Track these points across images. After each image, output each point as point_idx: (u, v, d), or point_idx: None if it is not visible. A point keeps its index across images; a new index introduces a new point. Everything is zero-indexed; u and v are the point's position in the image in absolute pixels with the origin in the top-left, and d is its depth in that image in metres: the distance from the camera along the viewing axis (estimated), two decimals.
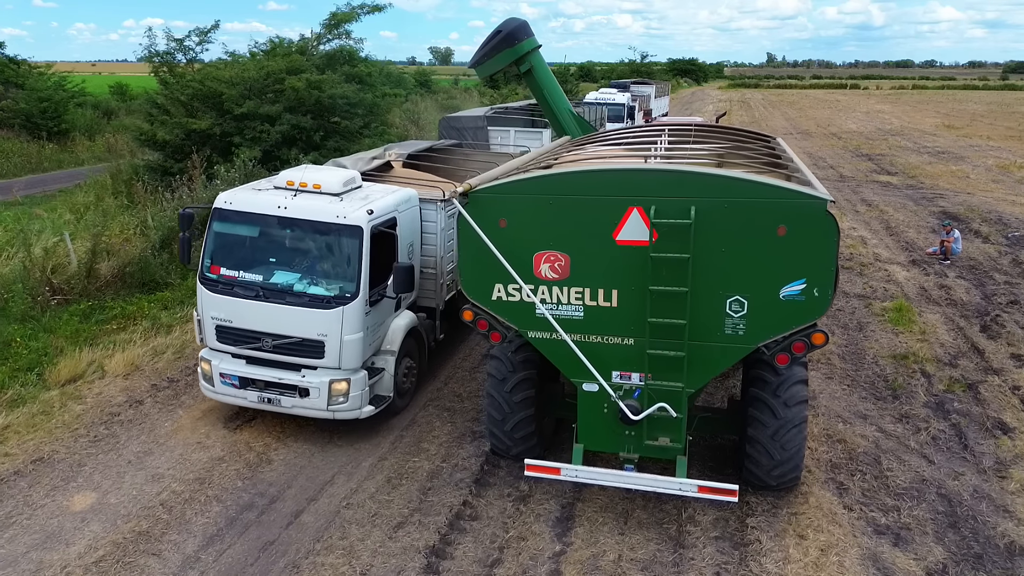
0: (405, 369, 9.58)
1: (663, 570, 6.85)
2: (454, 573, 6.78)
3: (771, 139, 11.26)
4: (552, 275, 7.08)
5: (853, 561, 6.98)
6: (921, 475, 8.46)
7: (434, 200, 10.09)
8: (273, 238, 8.90)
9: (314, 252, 8.82)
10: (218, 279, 8.81)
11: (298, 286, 8.60)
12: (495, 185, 7.19)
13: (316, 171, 9.40)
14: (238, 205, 8.84)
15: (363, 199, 8.95)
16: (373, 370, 8.96)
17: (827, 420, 9.72)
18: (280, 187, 9.03)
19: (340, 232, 8.53)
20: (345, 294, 8.47)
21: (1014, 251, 18.12)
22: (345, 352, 8.47)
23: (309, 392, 8.54)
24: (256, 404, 8.80)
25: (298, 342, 8.50)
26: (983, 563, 7.00)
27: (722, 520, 7.58)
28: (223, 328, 8.76)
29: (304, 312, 8.44)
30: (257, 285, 8.65)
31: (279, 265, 8.80)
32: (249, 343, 8.65)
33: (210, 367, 8.89)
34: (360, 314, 8.47)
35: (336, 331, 8.41)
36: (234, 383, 8.80)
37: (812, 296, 6.59)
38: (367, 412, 8.76)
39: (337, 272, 8.65)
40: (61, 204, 19.79)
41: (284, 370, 8.67)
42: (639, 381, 7.14)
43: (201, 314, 8.93)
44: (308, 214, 8.64)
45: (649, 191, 6.72)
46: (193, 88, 18.83)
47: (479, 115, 18.16)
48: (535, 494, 8.00)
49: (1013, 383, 10.85)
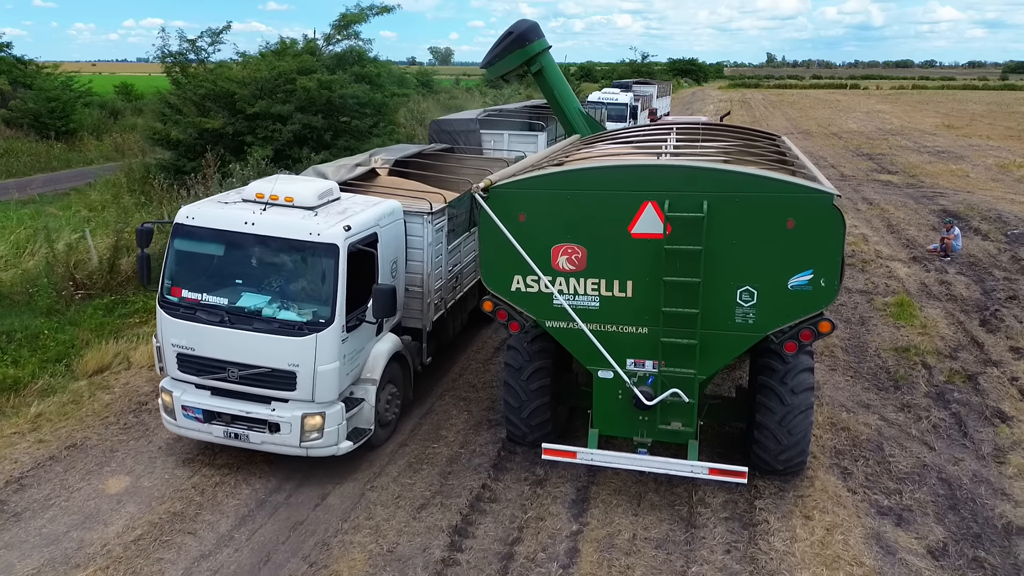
0: (388, 397, 8.81)
1: (676, 548, 7.18)
2: (476, 551, 7.10)
3: (776, 137, 11.59)
4: (569, 267, 7.40)
5: (857, 539, 7.30)
6: (922, 461, 8.78)
7: (420, 212, 9.35)
8: (240, 257, 8.09)
9: (285, 273, 8.03)
10: (179, 302, 8.00)
11: (267, 310, 7.79)
12: (515, 181, 7.51)
13: (289, 182, 8.57)
14: (201, 220, 8.02)
15: (340, 213, 8.16)
16: (351, 401, 8.19)
17: (831, 409, 10.04)
18: (249, 200, 8.23)
19: (313, 251, 7.76)
20: (319, 319, 7.67)
21: (1013, 248, 18.44)
22: (319, 384, 7.70)
23: (280, 427, 7.78)
24: (222, 440, 8.03)
25: (267, 372, 7.71)
26: (981, 542, 7.32)
27: (731, 502, 7.90)
28: (184, 356, 7.97)
29: (273, 340, 7.64)
30: (222, 309, 7.84)
31: (246, 287, 8.00)
32: (213, 373, 7.88)
33: (171, 399, 8.09)
34: (335, 341, 7.69)
35: (309, 361, 7.62)
36: (198, 416, 8.01)
37: (819, 286, 6.91)
38: (344, 448, 8.00)
39: (310, 295, 7.87)
40: (76, 202, 20.08)
41: (252, 402, 7.88)
42: (653, 368, 7.46)
43: (161, 340, 8.12)
44: (278, 231, 7.82)
45: (663, 186, 7.04)
46: (206, 88, 19.15)
47: (471, 118, 17.32)
48: (551, 478, 8.32)
49: (1012, 374, 11.17)
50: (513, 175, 7.83)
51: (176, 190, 16.64)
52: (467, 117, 17.55)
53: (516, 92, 47.55)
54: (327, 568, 6.82)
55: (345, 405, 8.01)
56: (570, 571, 6.83)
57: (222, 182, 16.07)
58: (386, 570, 6.81)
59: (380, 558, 6.97)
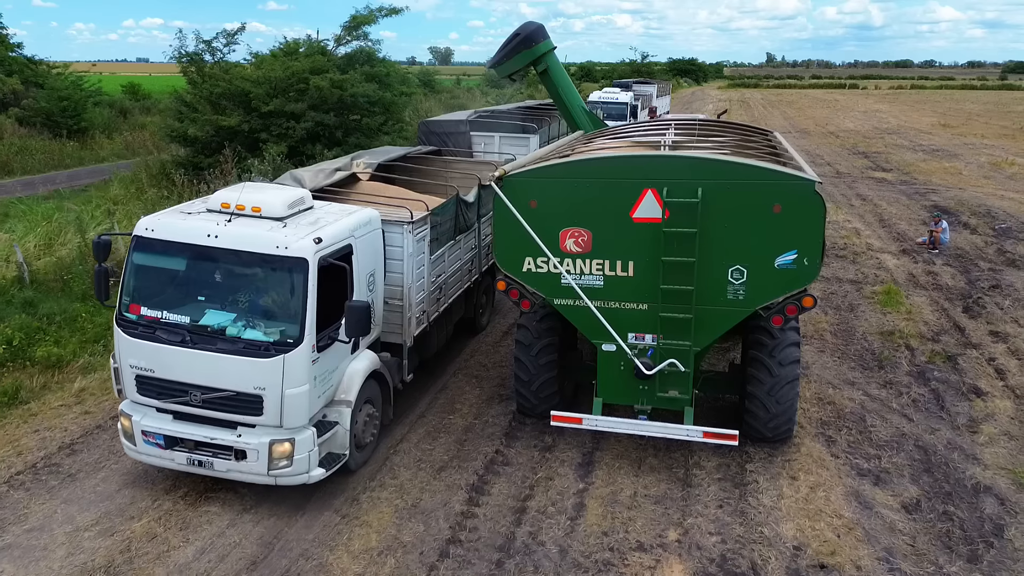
0: (365, 418, 8.31)
1: (673, 503, 7.90)
2: (492, 506, 7.83)
3: (769, 132, 12.31)
4: (576, 249, 8.11)
5: (838, 496, 8.03)
6: (901, 430, 9.51)
7: (400, 222, 8.84)
8: (203, 272, 7.58)
9: (251, 288, 7.51)
10: (138, 320, 7.48)
11: (231, 329, 7.28)
12: (527, 170, 8.23)
13: (257, 191, 8.03)
14: (161, 233, 7.50)
15: (311, 224, 7.66)
16: (324, 424, 7.70)
17: (819, 386, 10.76)
18: (213, 210, 7.73)
19: (281, 265, 7.25)
20: (287, 339, 7.14)
21: (1000, 241, 19.16)
22: (288, 408, 7.20)
23: (246, 454, 7.29)
24: (184, 467, 7.54)
25: (232, 396, 7.22)
26: (952, 499, 8.04)
27: (724, 465, 8.62)
28: (144, 379, 7.47)
29: (238, 361, 7.12)
30: (183, 328, 7.33)
31: (210, 304, 7.47)
32: (174, 397, 7.39)
33: (131, 424, 7.58)
34: (305, 363, 7.18)
35: (276, 383, 7.12)
36: (159, 443, 7.52)
37: (803, 265, 7.63)
38: (316, 476, 7.50)
39: (278, 313, 7.36)
40: (96, 197, 20.78)
41: (217, 428, 7.39)
42: (652, 341, 8.18)
43: (118, 361, 7.62)
44: (243, 244, 7.29)
45: (662, 175, 7.76)
46: (222, 87, 19.87)
47: (461, 119, 16.67)
48: (559, 444, 9.05)
49: (990, 355, 11.89)
50: (525, 165, 8.55)
51: (196, 185, 17.36)
52: (456, 118, 16.95)
53: (518, 92, 48.23)
54: (357, 519, 7.54)
55: (317, 429, 7.52)
56: (578, 522, 7.56)
57: (240, 176, 16.77)
58: (411, 521, 7.53)
59: (405, 511, 7.69)
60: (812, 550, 7.17)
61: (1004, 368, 11.40)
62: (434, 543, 7.20)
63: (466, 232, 11.17)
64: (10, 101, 36.23)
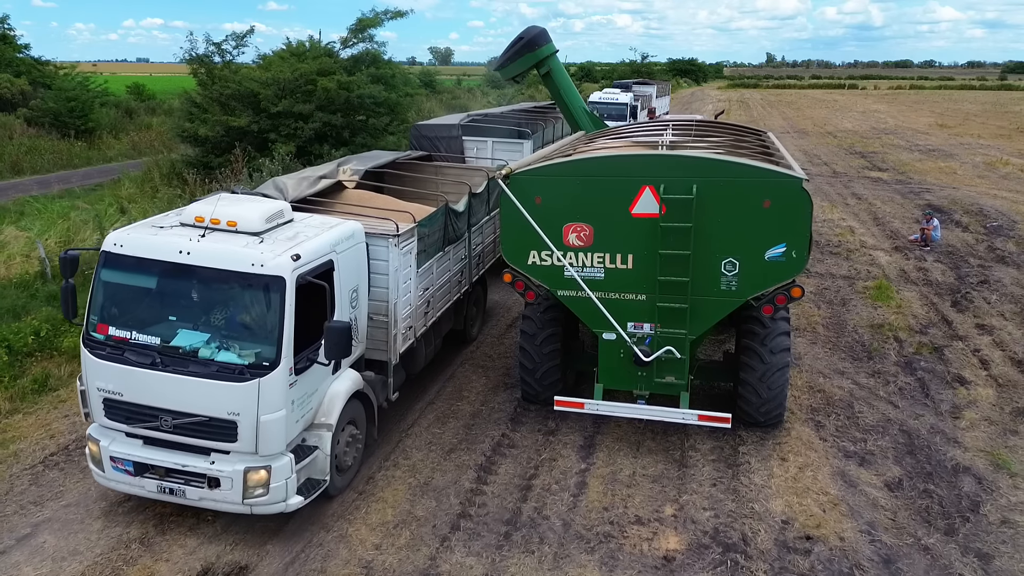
0: (348, 439, 7.98)
1: (669, 482, 8.40)
2: (499, 484, 8.32)
3: (763, 133, 12.81)
4: (578, 243, 8.60)
5: (825, 476, 8.52)
6: (887, 416, 10.00)
7: (385, 235, 8.49)
8: (175, 290, 7.18)
9: (225, 308, 7.11)
10: (105, 340, 7.08)
11: (204, 351, 6.89)
12: (532, 168, 8.73)
13: (233, 203, 7.63)
14: (131, 248, 7.09)
15: (290, 239, 7.28)
16: (303, 449, 7.35)
17: (810, 375, 11.25)
18: (187, 224, 7.34)
19: (257, 283, 6.86)
20: (263, 362, 6.78)
21: (990, 239, 19.65)
22: (263, 435, 6.83)
23: (220, 482, 6.95)
24: (155, 495, 7.19)
25: (204, 422, 6.85)
26: (932, 478, 8.54)
27: (718, 448, 9.12)
28: (112, 402, 7.08)
29: (211, 385, 6.76)
30: (153, 349, 6.93)
31: (182, 324, 7.08)
32: (144, 421, 7.01)
33: (99, 449, 7.22)
34: (282, 387, 6.83)
35: (251, 409, 6.75)
36: (128, 469, 7.16)
37: (791, 257, 8.12)
38: (294, 504, 7.14)
39: (253, 334, 6.97)
40: (108, 195, 21.30)
41: (189, 454, 7.03)
42: (650, 330, 8.67)
43: (86, 384, 7.25)
44: (217, 261, 6.90)
45: (659, 173, 8.25)
46: (232, 88, 20.37)
47: (453, 123, 16.19)
48: (561, 428, 9.55)
49: (975, 347, 12.38)
50: (530, 164, 9.05)
51: (208, 183, 17.85)
52: (448, 122, 16.51)
53: (519, 92, 48.72)
54: (374, 495, 8.04)
55: (296, 455, 7.16)
56: (580, 499, 8.05)
57: (251, 176, 17.27)
58: (424, 498, 8.03)
59: (418, 489, 8.19)
60: (799, 523, 7.66)
61: (988, 358, 11.89)
62: (446, 517, 7.70)
63: (456, 242, 10.78)
64: (18, 102, 36.77)
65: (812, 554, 7.20)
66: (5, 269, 13.59)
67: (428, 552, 7.15)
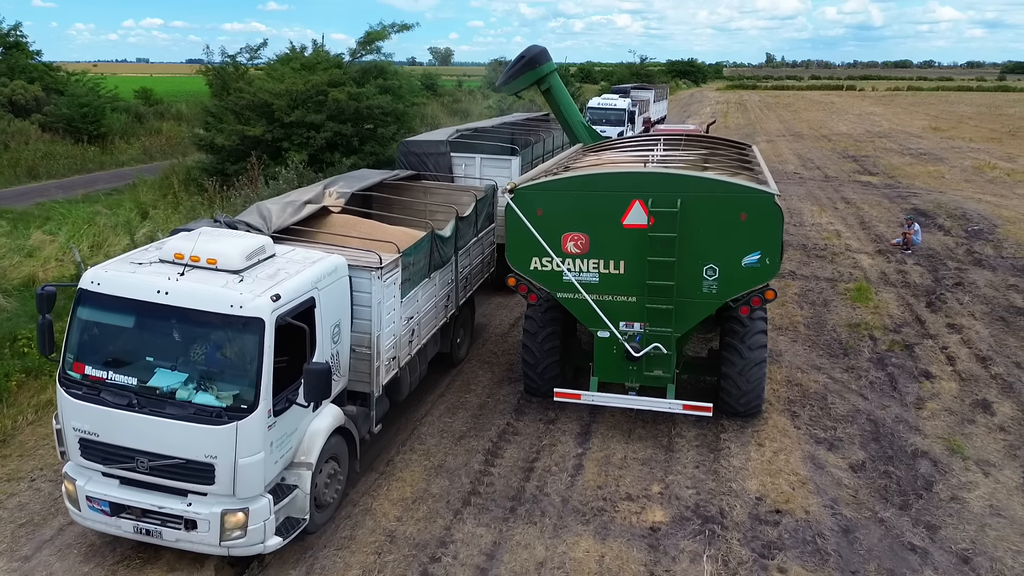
0: (327, 477, 7.85)
1: (657, 464, 9.39)
2: (505, 466, 9.32)
3: (747, 147, 13.79)
4: (576, 250, 9.58)
5: (796, 459, 9.52)
6: (856, 407, 10.99)
7: (368, 267, 8.40)
8: (152, 330, 7.09)
9: (203, 349, 7.02)
10: (81, 380, 7.00)
11: (182, 392, 6.82)
12: (534, 184, 9.72)
13: (214, 239, 7.47)
14: (108, 287, 7.01)
15: (270, 277, 7.20)
16: (283, 488, 7.26)
17: (789, 370, 12.24)
18: (166, 261, 7.25)
19: (236, 325, 6.77)
20: (241, 404, 6.72)
21: (970, 242, 20.63)
22: (241, 478, 6.76)
23: (196, 524, 6.85)
24: (132, 535, 7.10)
25: (181, 464, 6.77)
26: (892, 461, 9.53)
27: (702, 435, 10.11)
28: (88, 443, 6.99)
29: (188, 427, 6.68)
30: (130, 390, 6.86)
31: (160, 364, 6.98)
32: (120, 463, 6.93)
33: (75, 488, 7.12)
34: (260, 429, 6.76)
35: (229, 452, 6.68)
36: (104, 509, 7.07)
37: (765, 264, 9.10)
38: (272, 545, 7.07)
39: (232, 375, 6.90)
40: (127, 200, 22.28)
41: (166, 495, 6.93)
42: (640, 328, 9.66)
43: (62, 423, 7.16)
44: (195, 301, 6.82)
45: (648, 188, 9.23)
46: (246, 98, 21.37)
47: (441, 139, 15.89)
48: (560, 418, 10.54)
49: (943, 345, 13.37)
50: (532, 179, 10.04)
51: (226, 191, 18.85)
52: (437, 138, 16.23)
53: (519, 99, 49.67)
54: (393, 475, 9.04)
55: (275, 494, 7.10)
56: (577, 479, 9.05)
57: (268, 183, 18.26)
58: (438, 478, 9.02)
59: (432, 470, 9.19)
60: (770, 500, 8.65)
61: (955, 356, 12.88)
62: (458, 494, 8.69)
63: (442, 267, 10.74)
64: (32, 107, 37.72)
65: (780, 525, 8.19)
66: (42, 272, 14.57)
67: (443, 523, 8.15)
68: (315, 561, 7.51)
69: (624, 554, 7.68)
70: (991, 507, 8.57)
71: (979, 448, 9.86)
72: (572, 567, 7.47)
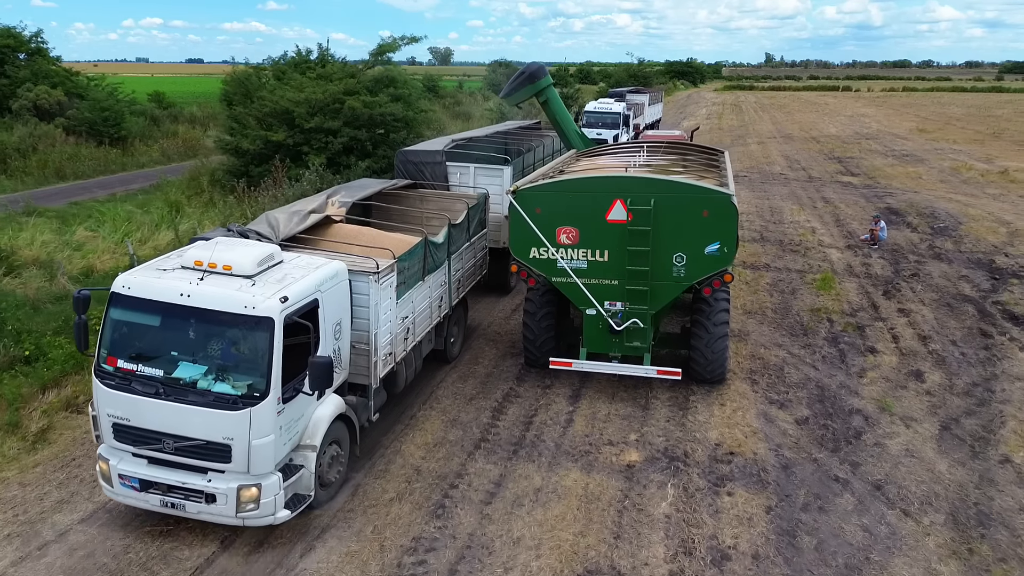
0: (330, 458, 8.88)
1: (635, 419, 11.30)
2: (509, 420, 11.23)
3: (719, 153, 15.71)
4: (568, 241, 11.47)
5: (751, 415, 11.42)
6: (808, 376, 12.89)
7: (366, 272, 9.28)
8: (176, 328, 8.04)
9: (221, 344, 7.98)
10: (114, 372, 7.98)
11: (202, 383, 7.78)
12: (533, 186, 11.62)
13: (229, 248, 8.48)
14: (137, 291, 7.98)
15: (279, 281, 8.12)
16: (290, 468, 8.20)
17: (754, 347, 14.14)
18: (188, 267, 8.22)
19: (249, 323, 7.71)
20: (254, 393, 7.66)
21: (933, 238, 22.52)
22: (254, 457, 7.74)
23: (216, 498, 7.82)
24: (159, 508, 8.11)
25: (202, 445, 7.75)
26: (831, 417, 11.43)
27: (674, 397, 12.01)
28: (120, 427, 7.99)
29: (208, 413, 7.64)
30: (157, 380, 7.83)
31: (183, 357, 7.95)
32: (148, 444, 7.93)
33: (108, 467, 8.11)
34: (271, 414, 7.71)
35: (244, 434, 7.64)
36: (134, 485, 8.04)
37: (724, 252, 10.99)
38: (282, 517, 8.07)
39: (246, 367, 7.84)
40: (159, 200, 24.18)
41: (189, 472, 7.92)
42: (621, 307, 11.55)
43: (97, 410, 8.13)
44: (213, 303, 7.78)
45: (627, 190, 11.12)
46: (269, 106, 23.29)
47: (437, 149, 16.63)
48: (555, 384, 12.45)
49: (892, 326, 15.27)
50: (532, 182, 11.95)
51: (254, 191, 20.76)
52: (433, 148, 16.91)
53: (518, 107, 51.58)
54: (416, 427, 10.95)
55: (283, 473, 8.03)
56: (568, 430, 10.95)
57: (292, 184, 20.16)
58: (453, 428, 10.93)
59: (448, 423, 11.10)
60: (726, 445, 10.56)
61: (900, 335, 14.78)
62: (470, 441, 10.60)
63: (435, 271, 11.62)
64: (56, 111, 39.59)
65: (732, 463, 10.10)
66: (99, 263, 16.48)
67: (459, 461, 10.06)
68: (359, 487, 9.43)
69: (605, 483, 9.59)
70: (907, 450, 10.48)
71: (906, 407, 11.76)
72: (562, 492, 9.38)
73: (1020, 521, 8.91)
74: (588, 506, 9.08)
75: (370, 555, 8.16)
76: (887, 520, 8.90)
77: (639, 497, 9.32)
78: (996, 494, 9.45)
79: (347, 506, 9.04)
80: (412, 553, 8.21)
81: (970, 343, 14.33)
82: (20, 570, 7.88)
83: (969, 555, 8.32)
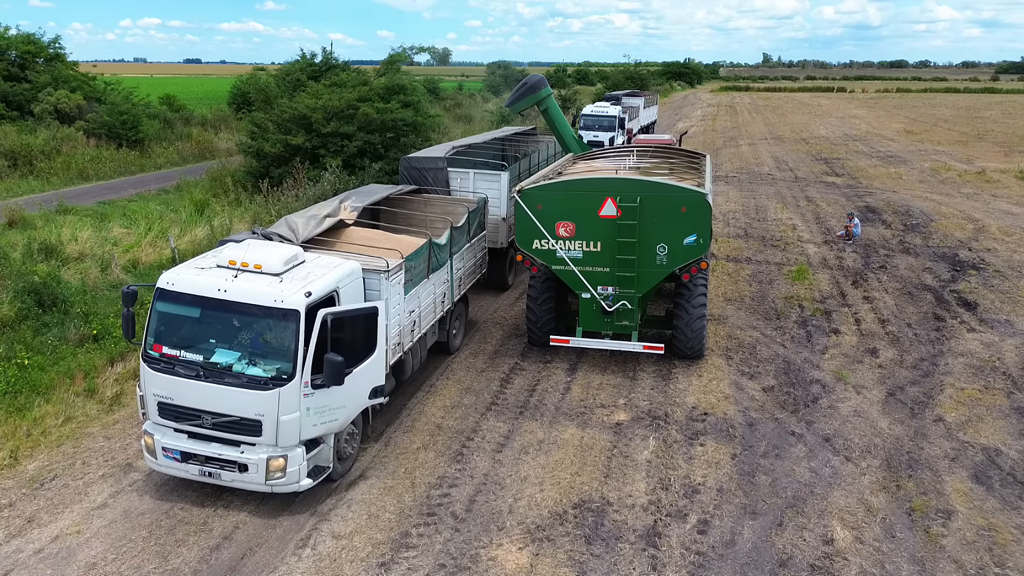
0: (347, 435, 9.91)
1: (624, 387, 13.07)
2: (515, 389, 13.01)
3: (702, 157, 17.52)
4: (565, 234, 13.24)
5: (724, 384, 13.21)
6: (777, 353, 14.69)
7: (377, 271, 10.26)
8: (214, 319, 9.10)
9: (253, 333, 9.00)
10: (160, 357, 9.03)
11: (237, 366, 8.79)
12: (535, 186, 13.40)
13: (259, 248, 9.54)
14: (180, 286, 9.05)
15: (303, 278, 9.19)
16: (312, 442, 9.21)
17: (731, 329, 15.92)
18: (223, 266, 9.31)
19: (277, 315, 8.76)
20: (282, 375, 8.68)
21: (904, 234, 24.32)
22: (282, 431, 8.78)
23: (247, 468, 8.85)
24: (197, 477, 9.14)
25: (236, 420, 8.78)
26: (794, 386, 13.21)
27: (658, 370, 13.80)
28: (164, 405, 9.03)
29: (242, 392, 8.67)
30: (198, 365, 8.87)
31: (220, 344, 9.00)
32: (189, 420, 8.97)
33: (153, 441, 9.16)
34: (296, 394, 8.72)
35: (273, 411, 8.67)
36: (176, 457, 9.10)
37: (700, 243, 12.77)
38: (305, 485, 9.12)
39: (275, 353, 8.85)
40: (184, 198, 25.93)
41: (224, 445, 8.95)
42: (612, 291, 13.32)
43: (144, 390, 9.22)
44: (247, 297, 8.84)
45: (617, 189, 12.90)
46: (288, 112, 25.06)
47: (439, 156, 17.41)
48: (555, 360, 14.23)
49: (855, 312, 17.06)
50: (534, 182, 13.73)
51: (277, 191, 22.52)
52: (435, 155, 17.69)
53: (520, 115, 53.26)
54: (436, 392, 12.73)
55: (306, 447, 9.07)
56: (566, 396, 12.74)
57: (312, 185, 21.91)
58: (468, 394, 12.71)
59: (463, 390, 12.88)
60: (701, 407, 12.34)
61: (862, 319, 16.57)
62: (482, 405, 12.38)
63: (439, 269, 12.61)
64: (75, 115, 41.29)
65: (706, 421, 11.89)
66: (144, 256, 18.24)
67: (474, 419, 11.85)
68: (390, 439, 11.21)
69: (597, 436, 11.38)
70: (855, 412, 12.27)
71: (859, 377, 13.56)
72: (561, 443, 11.17)
73: (943, 465, 10.71)
74: (583, 454, 10.87)
75: (404, 489, 9.95)
76: (831, 464, 10.69)
77: (625, 447, 11.10)
78: (927, 445, 11.24)
79: (381, 454, 10.83)
80: (438, 487, 10.00)
81: (924, 326, 16.13)
82: (119, 500, 9.65)
83: (896, 490, 10.11)
